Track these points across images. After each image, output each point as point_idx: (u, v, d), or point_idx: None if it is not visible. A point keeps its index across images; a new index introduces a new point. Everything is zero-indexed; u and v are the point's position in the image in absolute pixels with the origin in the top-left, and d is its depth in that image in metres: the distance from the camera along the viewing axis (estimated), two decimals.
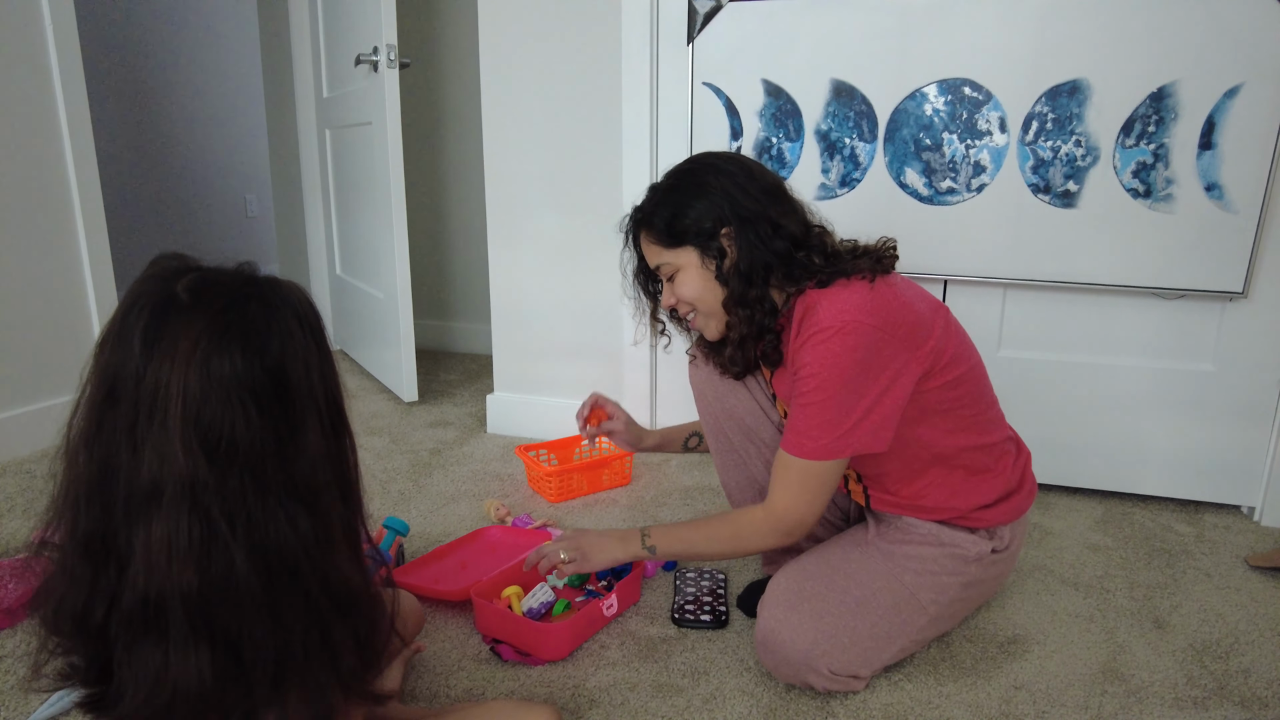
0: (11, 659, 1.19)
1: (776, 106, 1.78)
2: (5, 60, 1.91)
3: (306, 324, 0.70)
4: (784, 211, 1.12)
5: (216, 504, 0.65)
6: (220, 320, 0.65)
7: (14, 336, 1.98)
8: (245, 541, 0.66)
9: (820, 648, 1.07)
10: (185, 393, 0.63)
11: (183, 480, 0.64)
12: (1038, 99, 1.62)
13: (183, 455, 0.63)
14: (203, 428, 0.64)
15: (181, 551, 0.64)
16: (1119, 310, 1.71)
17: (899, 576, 1.13)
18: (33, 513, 1.68)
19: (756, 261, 1.10)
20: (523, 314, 2.15)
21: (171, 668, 0.65)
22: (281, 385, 0.67)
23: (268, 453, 0.66)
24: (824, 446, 1.05)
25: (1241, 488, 1.71)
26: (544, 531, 1.57)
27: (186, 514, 0.64)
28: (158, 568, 0.64)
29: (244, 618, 0.66)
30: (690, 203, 1.12)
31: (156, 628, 0.65)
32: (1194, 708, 1.11)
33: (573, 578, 1.36)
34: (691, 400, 2.05)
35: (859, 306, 1.04)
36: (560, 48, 1.95)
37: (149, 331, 0.65)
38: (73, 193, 2.07)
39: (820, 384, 1.04)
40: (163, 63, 3.88)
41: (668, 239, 1.14)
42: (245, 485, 0.66)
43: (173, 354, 0.64)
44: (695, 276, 1.14)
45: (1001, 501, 1.18)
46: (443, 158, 3.01)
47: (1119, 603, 1.37)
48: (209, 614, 0.65)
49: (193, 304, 0.66)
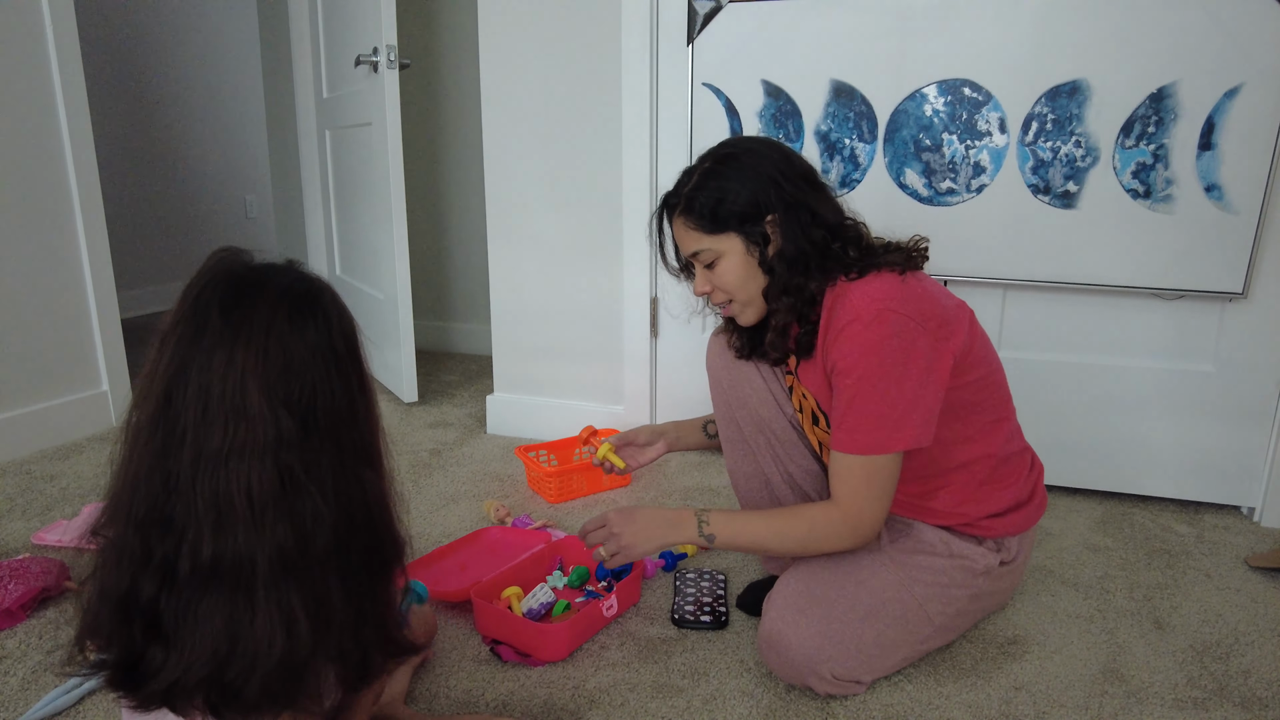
0: (11, 659, 1.19)
1: (776, 107, 1.78)
2: (5, 60, 1.91)
3: (340, 303, 0.75)
4: (821, 199, 1.10)
5: (298, 461, 0.67)
6: (292, 293, 0.70)
7: (14, 336, 1.98)
8: (330, 497, 0.68)
9: (825, 652, 1.06)
10: (266, 359, 0.66)
11: (265, 440, 0.65)
12: (1037, 99, 1.62)
13: (266, 416, 0.65)
14: (285, 391, 0.67)
15: (268, 503, 0.65)
16: (1119, 311, 1.71)
17: (910, 588, 1.12)
18: (32, 513, 1.68)
19: (800, 249, 1.08)
20: (523, 314, 2.15)
21: (241, 623, 0.65)
22: (352, 353, 0.72)
23: (343, 415, 0.70)
24: (876, 440, 1.03)
25: (1241, 488, 1.71)
26: (544, 532, 1.57)
27: (271, 468, 0.66)
28: (233, 523, 0.65)
29: (324, 574, 0.68)
30: (733, 187, 1.08)
31: (227, 585, 0.65)
32: (1194, 708, 1.11)
33: (573, 577, 1.37)
34: (691, 401, 2.06)
35: (889, 295, 1.03)
36: (560, 48, 1.95)
37: (226, 304, 0.67)
38: (73, 193, 2.07)
39: (860, 376, 1.03)
40: (163, 63, 3.89)
41: (710, 224, 1.10)
42: (324, 445, 0.68)
43: (249, 324, 0.67)
44: (738, 264, 1.11)
45: (1011, 512, 1.18)
46: (443, 158, 3.01)
47: (1119, 603, 1.37)
48: (293, 568, 0.66)
49: (263, 281, 0.70)
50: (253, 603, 0.66)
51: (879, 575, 1.12)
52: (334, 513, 0.68)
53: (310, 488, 0.67)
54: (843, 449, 1.06)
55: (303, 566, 0.67)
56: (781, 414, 1.26)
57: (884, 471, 1.05)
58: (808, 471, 1.26)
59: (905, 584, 1.12)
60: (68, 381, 2.12)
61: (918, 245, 1.13)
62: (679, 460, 2.02)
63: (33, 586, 1.30)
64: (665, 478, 1.92)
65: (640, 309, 2.01)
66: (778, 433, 1.26)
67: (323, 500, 0.68)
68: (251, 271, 0.71)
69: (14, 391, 1.99)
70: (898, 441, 1.04)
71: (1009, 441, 1.18)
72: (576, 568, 1.38)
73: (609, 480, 1.85)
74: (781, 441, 1.26)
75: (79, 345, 2.13)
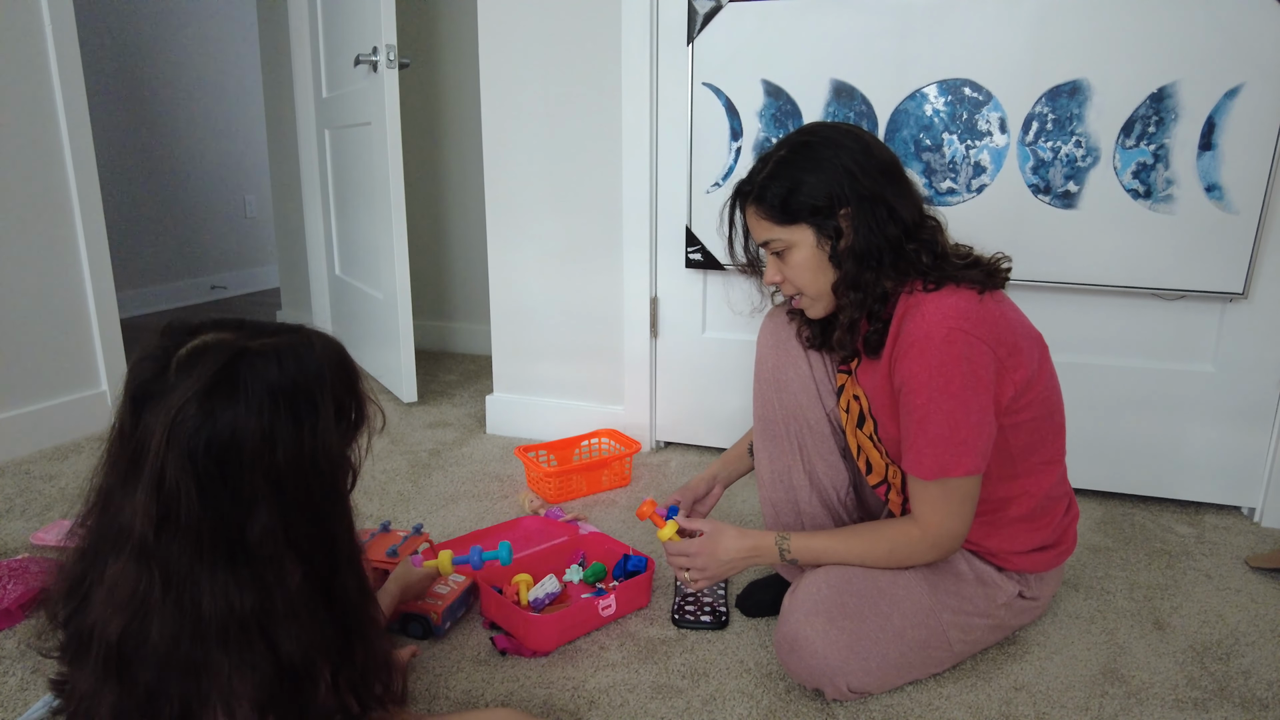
0: (10, 659, 1.19)
1: (776, 107, 1.78)
2: (4, 61, 1.91)
3: (287, 397, 0.71)
4: (898, 194, 1.07)
5: (159, 564, 0.69)
6: (188, 396, 0.68)
7: (13, 336, 1.98)
8: (174, 604, 0.69)
9: (850, 666, 1.06)
10: (155, 457, 0.68)
11: (140, 535, 0.69)
12: (1038, 99, 1.62)
13: (142, 513, 0.69)
14: (160, 499, 0.68)
15: (119, 601, 0.70)
16: (1119, 311, 1.70)
17: (937, 614, 1.11)
18: (31, 513, 1.68)
19: (872, 246, 1.05)
20: (522, 314, 2.15)
21: (88, 697, 0.71)
22: (228, 459, 0.69)
23: (207, 523, 0.69)
24: (940, 464, 1.02)
25: (1241, 489, 1.71)
26: (572, 525, 1.60)
27: (134, 566, 0.70)
28: (98, 607, 0.71)
29: (158, 671, 0.70)
30: (807, 178, 1.06)
31: (89, 657, 0.71)
32: (1194, 709, 1.11)
33: (588, 573, 1.38)
34: (691, 403, 2.06)
35: (964, 314, 1.01)
36: (560, 48, 1.95)
37: (140, 389, 0.71)
38: (72, 192, 2.07)
39: (928, 398, 1.01)
40: (162, 63, 3.88)
41: (781, 215, 1.08)
42: (185, 551, 0.69)
43: (153, 418, 0.69)
44: (808, 257, 1.09)
45: (1035, 552, 1.16)
46: (442, 158, 3.01)
47: (1119, 604, 1.37)
48: (123, 661, 0.70)
49: (178, 373, 0.70)
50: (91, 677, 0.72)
51: (912, 597, 1.10)
52: (176, 620, 0.71)
53: (156, 595, 0.70)
54: (911, 471, 1.06)
55: (133, 663, 0.71)
56: (820, 405, 1.24)
57: (960, 490, 1.04)
58: (832, 467, 1.25)
59: (934, 610, 1.11)
60: (67, 381, 2.11)
61: (998, 264, 1.10)
62: (679, 461, 2.02)
63: (31, 586, 1.29)
64: (665, 478, 1.92)
65: (640, 309, 2.01)
66: (811, 424, 1.24)
67: (162, 608, 0.71)
68: (178, 359, 0.72)
69: (13, 391, 1.99)
70: (960, 467, 1.02)
71: (1056, 485, 1.16)
72: (595, 564, 1.39)
73: (608, 480, 1.85)
74: (813, 432, 1.24)
75: (78, 345, 2.13)
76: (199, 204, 4.14)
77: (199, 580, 0.69)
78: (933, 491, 1.05)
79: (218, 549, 0.70)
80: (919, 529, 1.07)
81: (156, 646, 0.69)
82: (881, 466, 1.18)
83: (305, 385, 0.73)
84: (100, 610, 0.71)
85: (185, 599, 0.69)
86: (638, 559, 1.38)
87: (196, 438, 0.68)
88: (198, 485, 0.68)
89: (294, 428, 0.71)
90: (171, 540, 0.69)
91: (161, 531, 0.69)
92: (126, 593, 0.69)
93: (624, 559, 1.39)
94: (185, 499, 0.68)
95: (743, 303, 1.90)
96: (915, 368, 1.02)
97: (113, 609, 0.70)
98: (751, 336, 1.95)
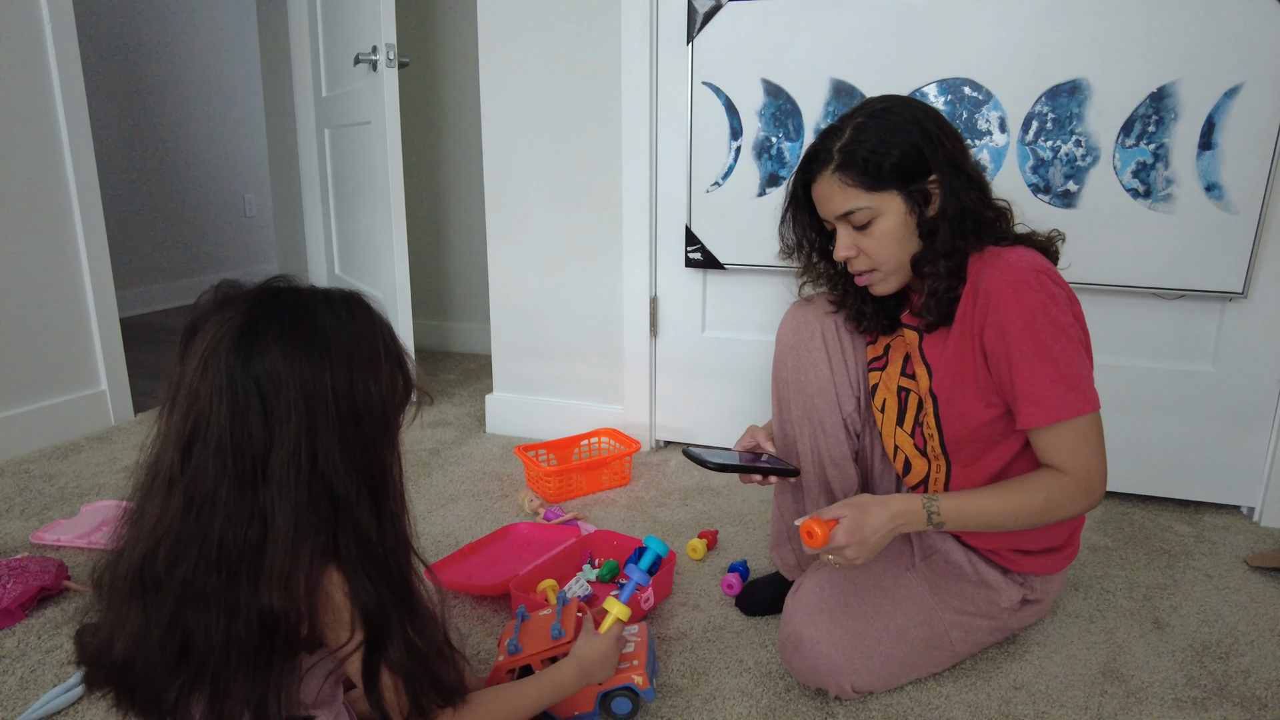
0: (10, 658, 1.19)
1: (776, 106, 1.78)
2: (4, 60, 1.91)
3: (340, 337, 0.73)
4: (970, 162, 1.07)
5: (184, 487, 0.70)
6: (224, 327, 0.70)
7: (12, 335, 1.98)
8: (192, 526, 0.69)
9: (853, 665, 1.06)
10: (189, 389, 0.70)
11: (169, 461, 0.70)
12: (1038, 99, 1.62)
13: (175, 435, 0.70)
14: (192, 421, 0.70)
15: (145, 528, 0.71)
16: (1118, 310, 1.70)
17: (940, 614, 1.11)
18: (31, 512, 1.68)
19: (963, 209, 1.03)
20: (522, 314, 2.15)
21: (128, 630, 0.71)
22: (268, 386, 0.70)
23: (238, 449, 0.70)
24: (1067, 404, 0.98)
25: (1241, 488, 1.71)
26: (573, 526, 1.58)
27: (162, 493, 0.71)
28: (134, 539, 0.72)
29: (176, 598, 0.70)
30: (897, 139, 1.02)
31: (133, 591, 0.71)
32: (1193, 708, 1.11)
33: (603, 570, 1.38)
34: (690, 403, 2.06)
35: (1046, 266, 1.01)
36: (560, 47, 1.94)
37: (184, 340, 0.73)
38: (71, 192, 2.07)
39: (1035, 341, 0.97)
40: (161, 62, 3.88)
41: (872, 180, 1.03)
42: (209, 471, 0.70)
43: (190, 357, 0.71)
44: (896, 225, 1.05)
45: (1041, 554, 1.16)
46: (442, 157, 3.01)
47: (1119, 603, 1.37)
48: (144, 586, 0.70)
49: (213, 313, 0.73)
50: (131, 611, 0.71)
51: (913, 596, 1.11)
52: (200, 548, 0.71)
53: (182, 518, 0.71)
54: (1038, 422, 0.99)
55: (158, 592, 0.71)
56: (838, 410, 1.22)
57: (1091, 427, 1.00)
58: (843, 472, 1.24)
59: (936, 609, 1.11)
60: (66, 380, 2.11)
61: (1052, 240, 1.10)
62: (678, 460, 2.02)
63: (31, 585, 1.29)
64: (665, 477, 1.92)
65: (640, 308, 2.01)
66: (826, 428, 1.23)
67: (187, 534, 0.71)
68: (211, 302, 0.75)
69: (12, 390, 1.99)
70: (1088, 403, 0.99)
71: None
72: (607, 561, 1.40)
73: (608, 480, 1.85)
74: (828, 436, 1.23)
75: (77, 344, 2.13)
76: (199, 203, 4.14)
77: (217, 503, 0.69)
78: (1067, 435, 1.00)
79: (242, 472, 0.70)
80: (1070, 477, 1.00)
81: (174, 571, 0.69)
82: (922, 465, 1.17)
83: (361, 332, 0.75)
84: (128, 542, 0.72)
85: (203, 522, 0.69)
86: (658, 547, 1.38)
87: (234, 356, 0.69)
88: (229, 401, 0.69)
89: (346, 367, 0.73)
90: (199, 460, 0.69)
91: (189, 453, 0.69)
92: (152, 518, 0.70)
93: (638, 551, 1.39)
94: (215, 414, 0.69)
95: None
96: (1011, 314, 0.98)
97: (138, 536, 0.71)
98: (751, 336, 1.95)
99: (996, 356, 1.01)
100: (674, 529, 1.64)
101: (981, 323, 1.02)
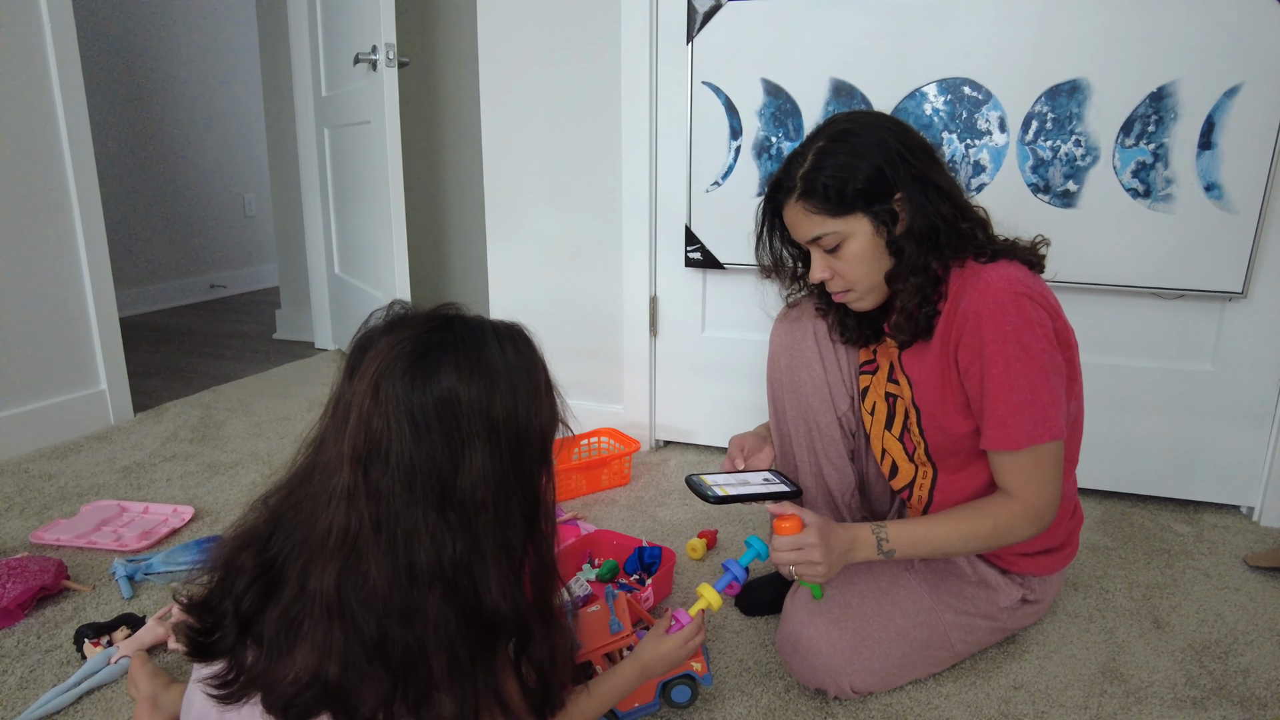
0: (10, 658, 1.19)
1: (776, 106, 1.78)
2: (4, 60, 1.91)
3: (487, 370, 0.74)
4: (942, 175, 1.05)
5: (369, 505, 0.70)
6: (397, 349, 0.72)
7: (12, 335, 1.98)
8: (386, 545, 0.70)
9: (853, 666, 1.06)
10: (360, 408, 0.71)
11: (348, 478, 0.71)
12: (1037, 99, 1.62)
13: (348, 462, 0.71)
14: (368, 440, 0.70)
15: (333, 546, 0.70)
16: (1118, 310, 1.70)
17: (940, 614, 1.11)
18: (30, 512, 1.68)
19: (931, 225, 1.02)
20: (522, 313, 2.12)
21: (311, 644, 0.70)
22: (446, 410, 0.71)
23: (421, 468, 0.71)
24: (1026, 432, 0.98)
25: (1241, 488, 1.71)
26: (573, 525, 1.59)
27: (344, 509, 0.70)
28: (314, 556, 0.72)
29: (377, 616, 0.70)
30: (857, 164, 1.01)
31: (315, 609, 0.71)
32: (1193, 708, 1.11)
33: (603, 570, 1.38)
34: (690, 402, 2.06)
35: (1027, 283, 1.00)
36: (560, 47, 1.94)
37: (353, 357, 0.76)
38: (71, 192, 2.07)
39: (1005, 365, 0.98)
40: (161, 62, 3.88)
41: (835, 206, 1.02)
42: (397, 494, 0.70)
43: (361, 376, 0.73)
44: (865, 247, 1.04)
45: (1040, 555, 1.16)
46: (442, 157, 3.01)
47: (1118, 603, 1.37)
48: (344, 605, 0.70)
49: (384, 333, 0.75)
50: (314, 626, 0.71)
51: (913, 597, 1.11)
52: (390, 563, 0.71)
53: (368, 535, 0.71)
54: (998, 446, 1.01)
55: (355, 608, 0.71)
56: (832, 409, 1.22)
57: (1049, 457, 1.01)
58: (839, 470, 1.24)
59: (936, 610, 1.11)
60: (66, 380, 2.11)
61: (1036, 248, 1.09)
62: (678, 460, 2.02)
63: (31, 585, 1.29)
64: (664, 477, 1.92)
65: (640, 308, 2.01)
66: (822, 427, 1.23)
67: (375, 550, 0.71)
68: (383, 323, 0.79)
69: (12, 390, 1.99)
70: (1048, 432, 0.99)
71: (1067, 486, 1.14)
72: (607, 561, 1.40)
73: (608, 479, 1.85)
74: (823, 435, 1.23)
75: (77, 344, 2.13)
76: (198, 203, 4.14)
77: (412, 523, 0.70)
78: (1023, 462, 1.01)
79: (429, 493, 0.70)
80: (1019, 504, 1.02)
81: (375, 589, 0.70)
82: (909, 470, 1.17)
83: (525, 364, 0.78)
84: (312, 558, 0.71)
85: (398, 541, 0.70)
86: (653, 550, 1.38)
87: (409, 379, 0.71)
88: (411, 424, 0.70)
89: (512, 396, 0.75)
90: (380, 479, 0.70)
91: (368, 471, 0.70)
92: (339, 536, 0.70)
93: (639, 551, 1.39)
94: (395, 436, 0.70)
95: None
96: (987, 337, 0.98)
97: (326, 555, 0.70)
98: (750, 336, 1.95)
99: (970, 376, 1.03)
100: (673, 529, 1.64)
101: (957, 341, 1.03)
